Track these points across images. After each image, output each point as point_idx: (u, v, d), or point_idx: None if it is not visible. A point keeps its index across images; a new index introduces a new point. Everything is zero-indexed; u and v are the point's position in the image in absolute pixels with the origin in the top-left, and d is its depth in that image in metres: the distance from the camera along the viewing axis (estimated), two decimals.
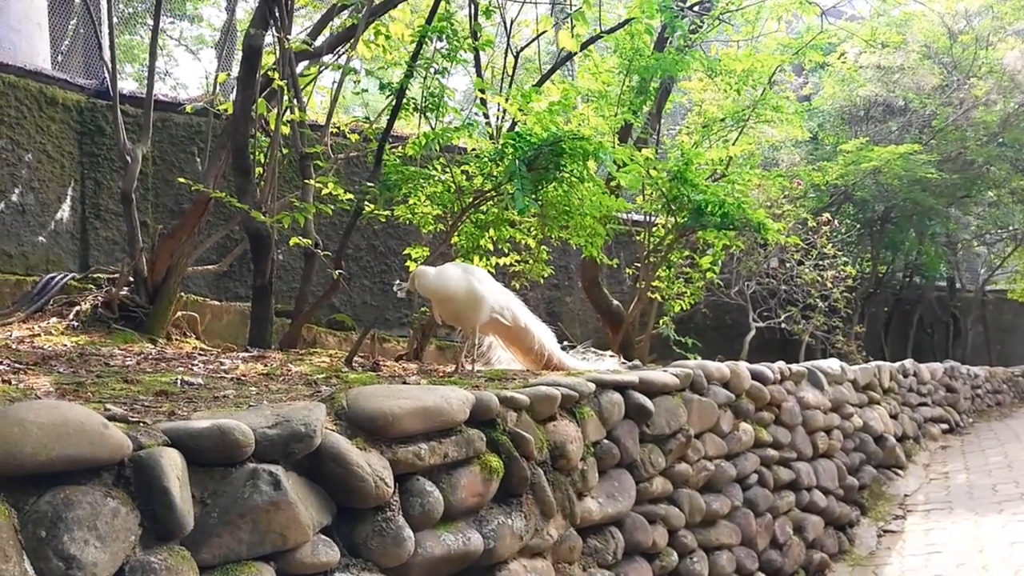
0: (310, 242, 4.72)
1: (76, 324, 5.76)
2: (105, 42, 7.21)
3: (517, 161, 4.50)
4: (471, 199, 4.93)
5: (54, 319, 5.78)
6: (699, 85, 8.67)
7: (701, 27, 7.58)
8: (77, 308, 5.93)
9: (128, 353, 4.71)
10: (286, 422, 2.13)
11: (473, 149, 5.37)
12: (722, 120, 8.45)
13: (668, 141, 8.96)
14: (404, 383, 3.68)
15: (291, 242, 4.80)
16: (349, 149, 6.64)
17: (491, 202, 5.18)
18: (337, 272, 4.91)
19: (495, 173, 4.89)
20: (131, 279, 6.09)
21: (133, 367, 3.95)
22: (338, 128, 6.89)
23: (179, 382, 3.16)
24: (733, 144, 7.80)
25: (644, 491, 3.76)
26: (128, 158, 6.27)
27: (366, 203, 5.07)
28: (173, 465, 1.85)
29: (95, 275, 6.63)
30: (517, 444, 2.91)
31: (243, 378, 3.65)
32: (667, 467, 3.98)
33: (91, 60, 8.97)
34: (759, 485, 4.88)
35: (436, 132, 4.82)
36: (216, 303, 7.18)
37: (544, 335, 4.92)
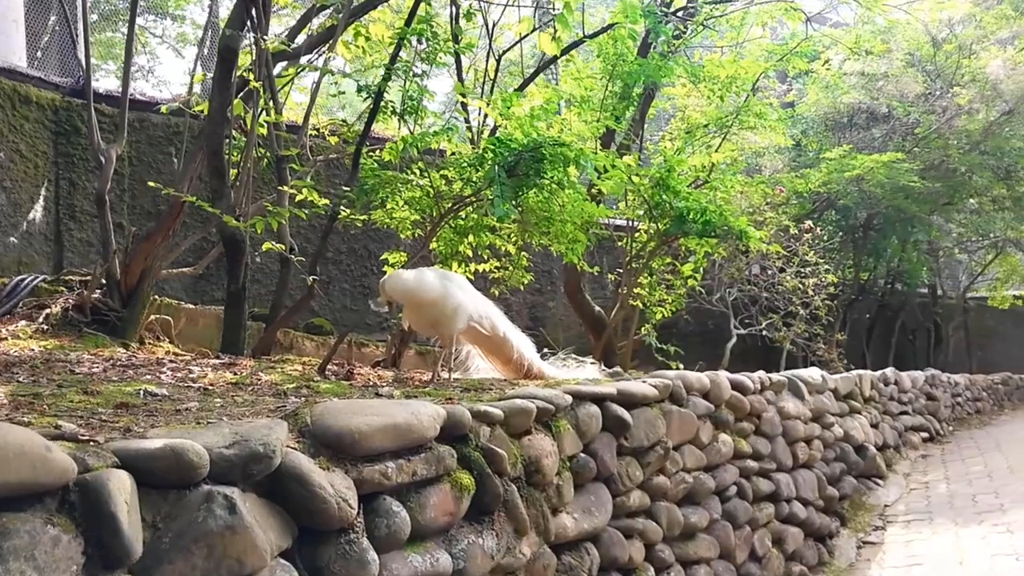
0: (283, 247, 4.63)
1: (46, 327, 5.63)
2: (80, 39, 7.08)
3: (497, 167, 4.44)
4: (450, 204, 4.85)
5: (23, 322, 5.65)
6: (683, 91, 8.63)
7: (685, 33, 7.53)
8: (47, 311, 5.81)
9: (97, 359, 4.60)
10: (244, 441, 2.04)
11: (453, 153, 5.29)
12: (705, 126, 8.42)
13: (651, 147, 8.92)
14: (377, 394, 3.60)
15: (264, 247, 4.71)
16: (329, 151, 6.55)
17: (471, 208, 5.11)
18: (312, 278, 4.82)
19: (475, 178, 4.82)
20: (104, 282, 5.98)
21: (98, 375, 3.85)
22: (317, 130, 6.80)
23: (142, 393, 3.06)
24: (716, 151, 7.77)
25: (621, 505, 3.69)
26: (102, 158, 6.16)
27: (342, 207, 4.97)
28: (121, 489, 1.75)
29: (67, 277, 6.51)
30: (490, 460, 2.83)
31: (210, 388, 3.55)
32: (645, 480, 3.92)
33: (67, 58, 8.83)
34: (738, 497, 4.82)
35: (414, 136, 4.73)
36: (191, 307, 7.06)
37: (523, 344, 4.84)
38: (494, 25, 7.16)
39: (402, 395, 3.56)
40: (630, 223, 7.18)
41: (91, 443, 1.96)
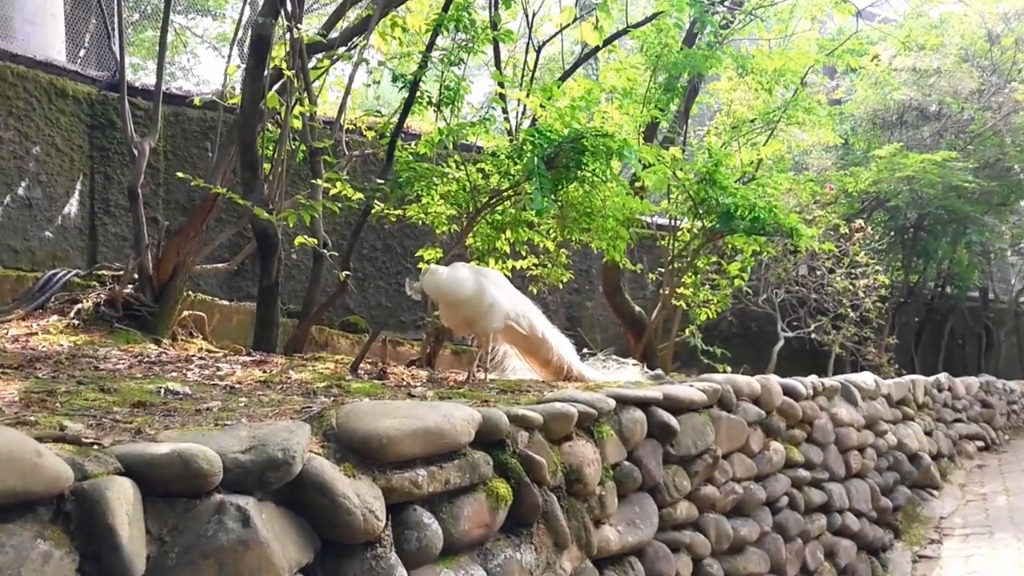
0: (316, 242, 4.47)
1: (77, 323, 5.56)
2: (114, 31, 7.00)
3: (536, 159, 4.23)
4: (487, 199, 4.66)
5: (55, 317, 5.58)
6: (728, 85, 8.37)
7: (732, 22, 7.26)
8: (79, 306, 5.74)
9: (126, 355, 4.49)
10: (262, 446, 1.86)
11: (492, 150, 5.10)
12: (752, 121, 8.14)
13: (695, 143, 8.65)
14: (410, 395, 3.42)
15: (296, 241, 4.55)
16: (365, 146, 6.40)
17: (508, 202, 4.91)
18: (344, 274, 4.66)
19: (512, 171, 4.62)
20: (136, 277, 5.89)
21: (123, 372, 3.71)
22: (355, 125, 6.67)
23: (163, 391, 2.91)
24: (763, 146, 7.48)
25: (667, 517, 3.47)
26: (135, 151, 6.08)
27: (376, 202, 4.80)
28: (122, 498, 1.58)
29: (100, 272, 6.44)
30: (528, 468, 2.63)
31: (237, 386, 3.40)
32: (693, 490, 3.69)
33: (106, 53, 8.80)
34: (790, 508, 4.57)
35: (450, 128, 4.55)
36: (226, 303, 6.96)
37: (562, 345, 4.65)
38: (534, 15, 6.95)
39: (436, 396, 3.38)
40: (672, 221, 6.94)
41: (95, 446, 1.79)
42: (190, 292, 6.68)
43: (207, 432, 2.00)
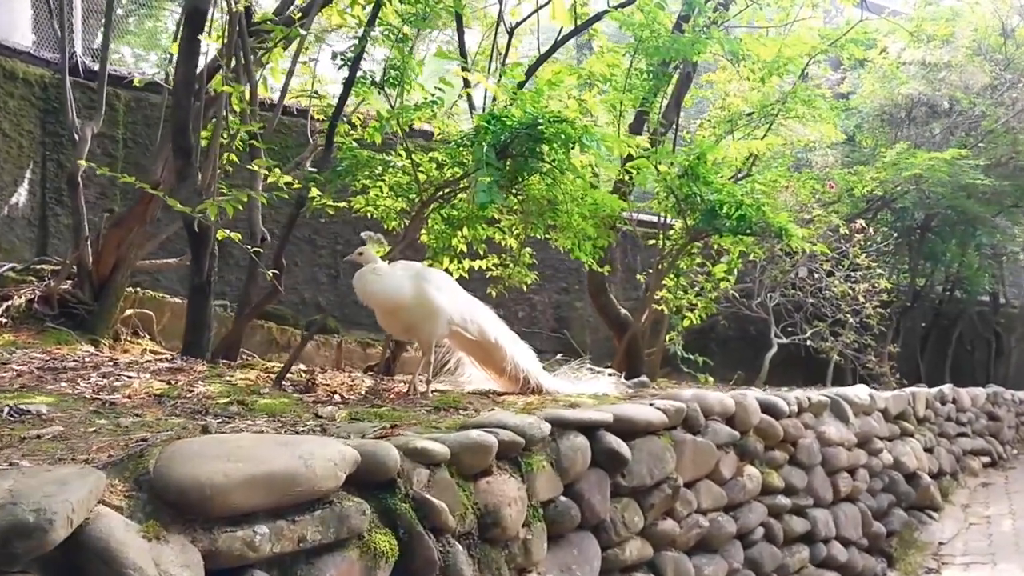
0: (239, 236, 4.01)
1: (6, 321, 5.15)
2: (55, 7, 6.58)
3: (486, 146, 3.78)
4: (434, 191, 4.20)
5: None
6: (724, 76, 7.87)
7: (726, 5, 6.75)
8: (9, 303, 5.34)
9: (37, 358, 4.07)
10: (10, 506, 1.42)
11: (441, 135, 4.64)
12: (749, 115, 7.64)
13: (687, 136, 8.15)
14: (316, 414, 2.98)
15: (219, 235, 4.11)
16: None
17: (465, 196, 4.45)
18: (271, 272, 4.20)
19: (467, 161, 4.16)
20: (75, 272, 5.49)
21: (7, 380, 3.28)
22: (324, 115, 6.25)
23: (6, 410, 2.47)
24: (761, 139, 6.98)
25: (613, 559, 3.02)
26: (76, 136, 5.70)
27: (316, 191, 4.35)
28: None
29: (40, 266, 6.03)
30: (424, 514, 2.18)
31: (121, 402, 2.95)
32: (647, 526, 3.24)
33: (87, 37, 8.38)
34: (766, 540, 4.11)
35: (394, 111, 4.09)
36: (178, 301, 6.51)
37: (519, 352, 4.21)
38: None
39: (347, 416, 2.94)
40: (660, 219, 6.47)
41: None
42: (137, 289, 6.27)
43: None
